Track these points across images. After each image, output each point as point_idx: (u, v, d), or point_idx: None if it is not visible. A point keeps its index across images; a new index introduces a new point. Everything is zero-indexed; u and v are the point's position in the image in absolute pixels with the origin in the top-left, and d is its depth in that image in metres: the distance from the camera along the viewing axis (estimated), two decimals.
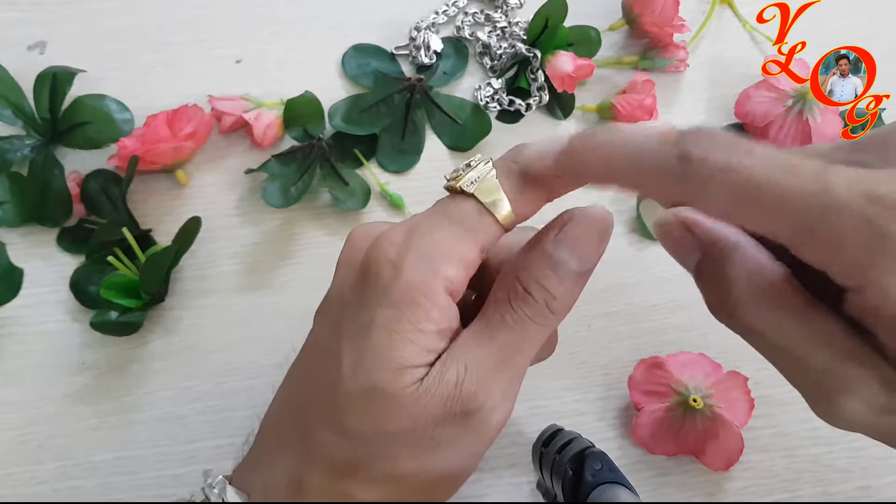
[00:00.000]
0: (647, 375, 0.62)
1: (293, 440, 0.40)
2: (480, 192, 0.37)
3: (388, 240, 0.37)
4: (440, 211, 0.38)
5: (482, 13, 0.80)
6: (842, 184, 0.29)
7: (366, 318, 0.37)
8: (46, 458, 0.62)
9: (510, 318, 0.38)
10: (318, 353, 0.41)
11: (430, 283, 0.36)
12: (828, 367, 0.33)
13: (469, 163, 0.39)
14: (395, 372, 0.36)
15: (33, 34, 0.77)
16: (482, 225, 0.37)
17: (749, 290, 0.35)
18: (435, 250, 0.37)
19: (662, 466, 0.62)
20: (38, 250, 0.68)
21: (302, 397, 0.41)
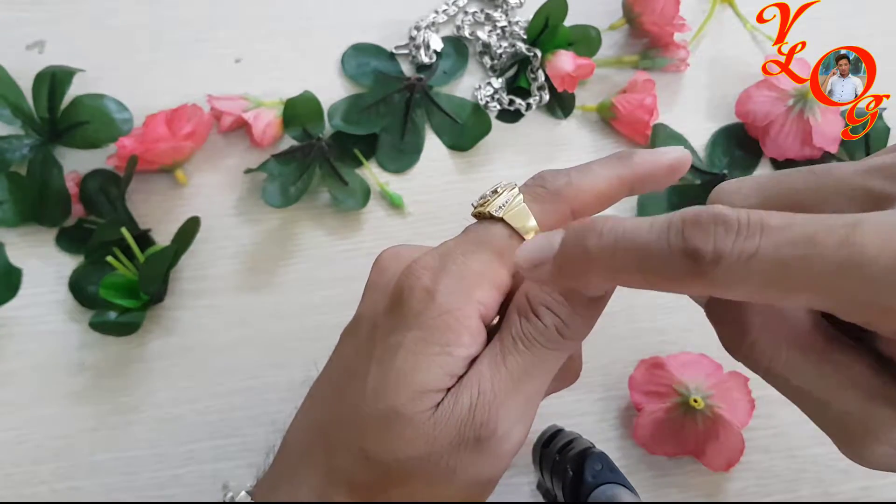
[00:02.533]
0: (647, 376, 0.62)
1: (317, 460, 0.40)
2: (509, 216, 0.38)
3: (421, 266, 0.38)
4: (471, 237, 0.39)
5: (482, 12, 0.80)
6: (873, 244, 0.27)
7: (394, 341, 0.37)
8: (45, 458, 0.62)
9: (521, 342, 0.37)
10: (345, 373, 0.40)
11: (463, 307, 0.36)
12: (853, 409, 0.32)
13: (495, 189, 0.39)
14: (415, 395, 0.36)
15: (32, 33, 0.76)
16: (513, 249, 0.37)
17: (766, 331, 0.33)
18: (467, 275, 0.37)
19: (663, 467, 0.62)
20: (37, 250, 0.68)
21: (326, 416, 0.41)
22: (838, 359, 0.32)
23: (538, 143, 0.74)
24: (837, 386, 0.32)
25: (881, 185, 0.30)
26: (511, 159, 0.73)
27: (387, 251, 0.42)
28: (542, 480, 0.58)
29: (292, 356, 0.64)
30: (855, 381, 0.32)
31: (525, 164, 0.73)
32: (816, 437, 0.62)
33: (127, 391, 0.64)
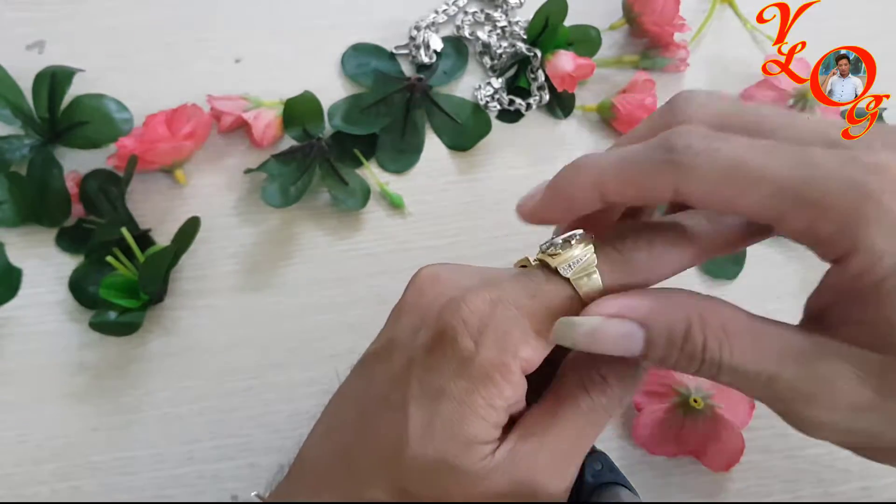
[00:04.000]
0: (647, 376, 0.62)
1: (341, 486, 0.40)
2: (578, 281, 0.37)
3: (470, 307, 0.37)
4: (529, 287, 0.37)
5: (482, 12, 0.80)
6: (822, 154, 0.32)
7: (437, 385, 0.37)
8: (45, 458, 0.61)
9: (585, 405, 0.38)
10: (378, 404, 0.39)
11: (508, 363, 0.36)
12: (793, 375, 0.34)
13: (569, 239, 0.37)
14: (465, 447, 0.36)
15: (32, 33, 0.76)
16: (567, 305, 0.37)
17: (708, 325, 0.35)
18: (517, 329, 0.36)
19: (663, 467, 0.62)
20: (37, 250, 0.68)
21: (355, 446, 0.40)
22: (767, 332, 0.35)
23: (538, 143, 0.74)
24: (775, 358, 0.34)
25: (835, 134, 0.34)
26: (511, 159, 0.73)
27: (426, 270, 0.41)
28: None
29: (292, 356, 0.64)
30: (788, 348, 0.34)
31: (525, 164, 0.73)
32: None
33: (127, 391, 0.64)
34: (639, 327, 0.35)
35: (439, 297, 0.39)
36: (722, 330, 0.34)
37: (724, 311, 0.35)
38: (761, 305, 0.35)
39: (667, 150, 0.34)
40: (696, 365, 0.35)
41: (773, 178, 0.32)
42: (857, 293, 0.33)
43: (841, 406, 0.33)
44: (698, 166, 0.33)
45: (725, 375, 0.34)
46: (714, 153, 0.33)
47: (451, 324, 0.36)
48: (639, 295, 0.36)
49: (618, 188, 0.35)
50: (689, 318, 0.34)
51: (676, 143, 0.34)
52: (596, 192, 0.36)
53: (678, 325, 0.34)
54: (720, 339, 0.34)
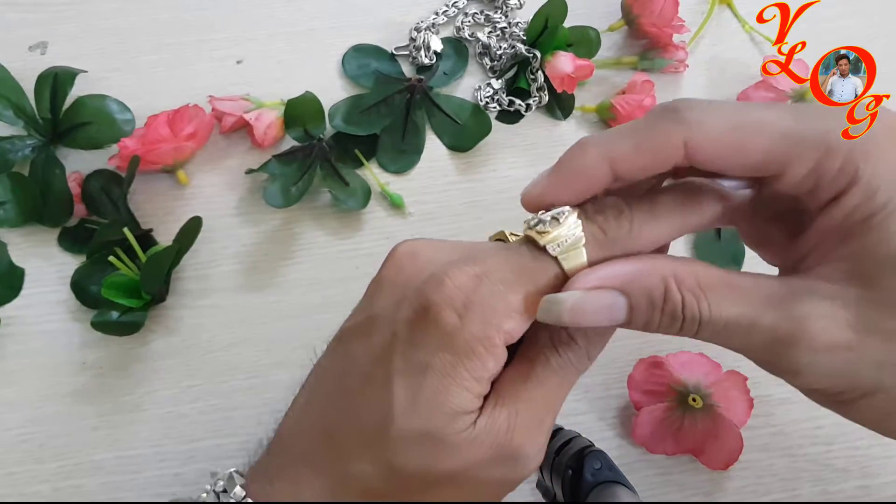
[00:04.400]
0: (646, 375, 0.62)
1: (324, 463, 0.40)
2: (564, 258, 0.37)
3: (454, 282, 0.36)
4: (513, 262, 0.38)
5: (482, 14, 0.80)
6: (819, 108, 0.35)
7: (421, 360, 0.37)
8: (47, 457, 0.62)
9: (555, 362, 0.39)
10: (360, 380, 0.39)
11: (492, 336, 0.36)
12: (771, 319, 0.35)
13: (556, 216, 0.37)
14: (449, 417, 0.37)
15: (35, 35, 0.77)
16: (556, 284, 0.37)
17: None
18: (500, 304, 0.36)
19: (662, 466, 0.62)
20: (39, 250, 0.68)
21: (337, 421, 0.40)
22: (744, 282, 0.36)
23: (538, 144, 0.74)
24: (756, 304, 0.35)
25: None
26: (511, 160, 0.73)
27: (404, 246, 0.41)
28: (542, 479, 0.58)
29: (293, 355, 0.64)
30: (769, 293, 0.36)
31: (525, 164, 0.73)
32: (815, 437, 0.63)
33: (129, 390, 0.64)
34: (620, 295, 0.36)
35: (419, 272, 0.39)
36: (697, 286, 0.35)
37: (698, 268, 0.36)
38: None
39: (672, 110, 0.36)
40: (679, 324, 0.36)
41: (778, 125, 0.35)
42: (845, 230, 0.35)
43: (819, 346, 0.34)
44: (705, 120, 0.35)
45: (706, 330, 0.36)
46: (718, 109, 0.35)
47: (435, 299, 0.36)
48: (615, 264, 0.37)
49: (629, 157, 0.37)
50: (665, 279, 0.36)
51: (678, 104, 0.36)
52: (606, 167, 0.37)
53: (656, 287, 0.36)
54: (697, 294, 0.35)
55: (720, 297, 0.35)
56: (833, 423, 0.63)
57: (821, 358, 0.34)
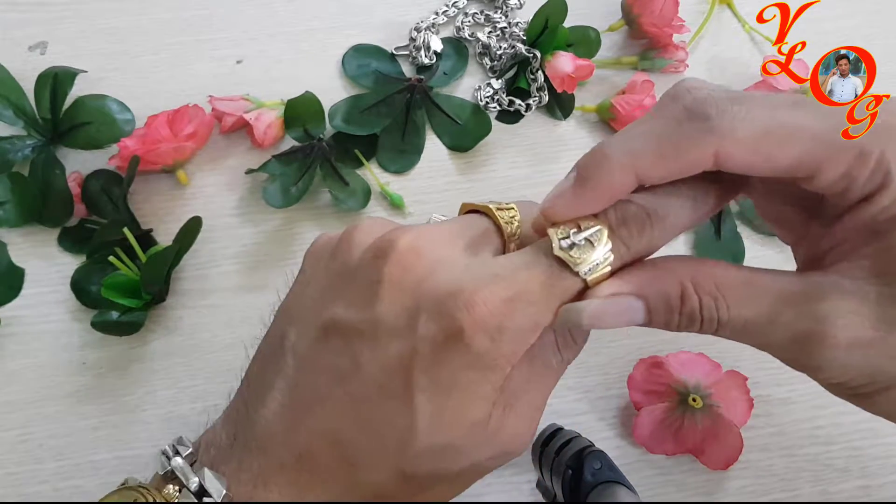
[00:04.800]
0: (646, 375, 0.62)
1: (329, 470, 0.39)
2: (593, 281, 0.37)
3: (487, 307, 0.36)
4: (545, 283, 0.37)
5: (482, 14, 0.80)
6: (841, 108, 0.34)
7: (445, 378, 0.36)
8: (47, 457, 0.62)
9: (556, 362, 0.41)
10: (373, 390, 0.38)
11: (519, 352, 0.37)
12: (790, 318, 0.35)
13: (590, 239, 0.37)
14: (469, 429, 0.37)
15: (34, 35, 0.77)
16: (573, 296, 0.37)
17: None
18: (531, 325, 0.37)
19: (662, 466, 0.62)
20: (39, 250, 0.68)
21: (345, 429, 0.38)
22: (764, 279, 0.36)
23: (538, 144, 0.74)
24: (775, 301, 0.35)
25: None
26: (511, 160, 0.73)
27: (403, 241, 0.39)
28: (542, 479, 0.58)
29: None
30: (783, 293, 0.36)
31: (525, 164, 0.73)
32: (815, 437, 0.62)
33: (129, 390, 0.64)
34: (637, 299, 0.36)
35: (430, 274, 0.38)
36: (715, 287, 0.36)
37: (715, 268, 0.37)
38: None
39: (701, 118, 0.34)
40: (697, 324, 0.36)
41: (810, 129, 0.34)
42: (871, 229, 0.35)
43: (840, 343, 0.34)
44: (737, 129, 0.34)
45: (726, 330, 0.36)
46: (749, 114, 0.34)
47: (468, 323, 0.35)
48: (632, 271, 0.37)
49: (655, 168, 0.36)
50: (682, 282, 0.36)
51: (708, 110, 0.34)
52: (631, 177, 0.36)
53: (673, 291, 0.36)
54: (715, 296, 0.36)
55: (738, 297, 0.36)
56: (833, 423, 0.63)
57: (841, 354, 0.35)
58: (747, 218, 0.70)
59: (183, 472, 0.39)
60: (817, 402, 0.64)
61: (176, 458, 0.39)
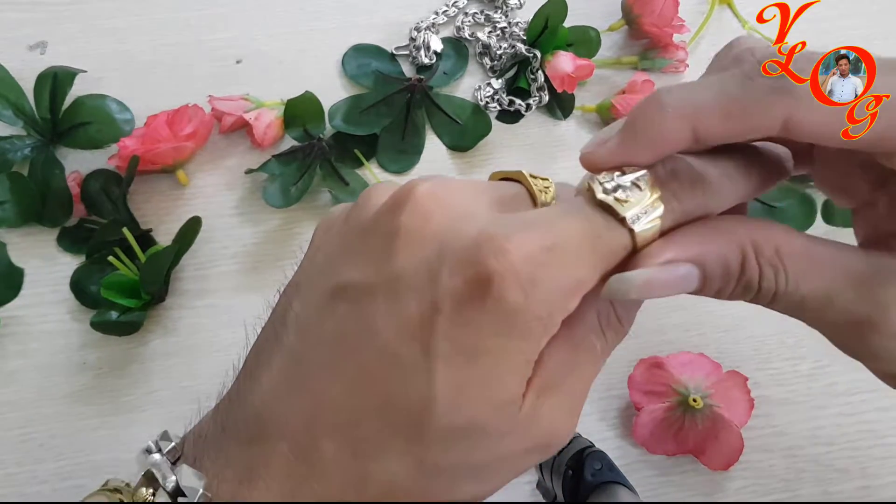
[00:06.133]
0: (647, 375, 0.62)
1: (335, 462, 0.32)
2: (641, 234, 0.32)
3: (520, 252, 0.30)
4: (588, 231, 0.32)
5: (482, 13, 0.80)
6: None
7: (471, 344, 0.31)
8: (47, 457, 0.62)
9: (600, 345, 0.35)
10: (385, 359, 0.32)
11: (556, 315, 0.32)
12: (850, 299, 0.32)
13: (637, 182, 0.32)
14: (496, 409, 0.32)
15: (34, 34, 0.77)
16: (620, 255, 0.32)
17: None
18: (571, 282, 0.31)
19: (662, 466, 0.62)
20: (39, 250, 0.68)
21: (353, 409, 0.32)
22: (828, 253, 0.33)
23: (538, 144, 0.74)
24: (833, 279, 0.33)
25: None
26: (511, 160, 0.73)
27: (423, 187, 0.34)
28: (542, 479, 0.58)
29: None
30: (846, 271, 0.33)
31: (525, 164, 0.72)
32: (816, 437, 0.62)
33: (128, 390, 0.64)
34: (693, 267, 0.32)
35: (455, 224, 0.33)
36: (776, 256, 0.33)
37: (778, 234, 0.33)
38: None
39: (778, 76, 0.31)
40: (752, 293, 0.33)
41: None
42: None
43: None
44: (813, 99, 0.30)
45: (781, 303, 0.33)
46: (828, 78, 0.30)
47: (499, 271, 0.30)
48: (688, 234, 0.33)
49: (717, 125, 0.32)
50: (744, 248, 0.33)
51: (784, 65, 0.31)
52: (688, 131, 0.32)
53: (733, 258, 0.33)
54: (776, 266, 0.33)
55: (800, 269, 0.33)
56: (834, 423, 0.63)
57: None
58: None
59: (161, 469, 0.34)
60: (818, 403, 0.63)
61: (154, 455, 0.35)
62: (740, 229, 0.33)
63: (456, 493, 0.33)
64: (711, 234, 0.33)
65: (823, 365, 0.65)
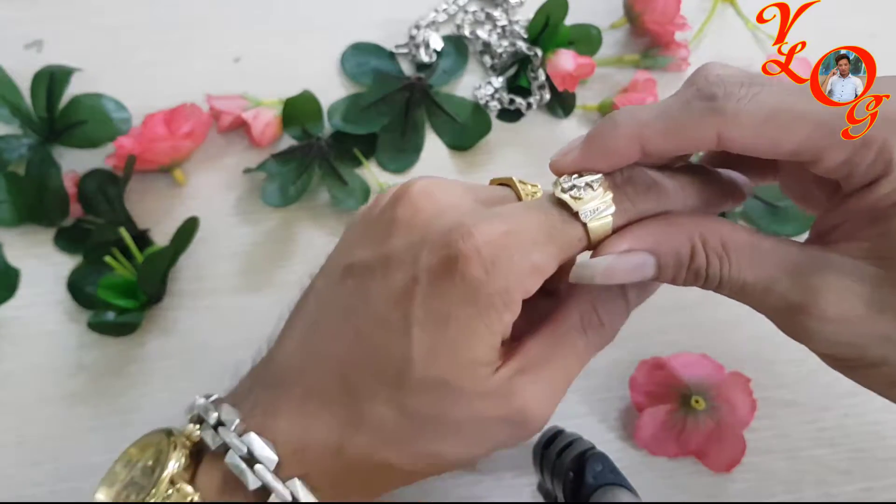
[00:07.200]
0: (648, 376, 0.61)
1: (336, 400, 0.40)
2: (593, 227, 0.39)
3: (484, 237, 0.37)
4: (544, 226, 0.39)
5: (482, 11, 0.80)
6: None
7: (442, 310, 0.38)
8: (44, 459, 0.61)
9: (582, 343, 0.41)
10: (376, 324, 0.40)
11: (513, 292, 0.38)
12: (786, 286, 0.37)
13: (590, 184, 0.39)
14: (466, 369, 0.38)
15: (30, 33, 0.76)
16: (577, 246, 0.39)
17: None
18: (526, 263, 0.38)
19: (664, 468, 0.62)
20: (35, 250, 0.68)
21: (350, 361, 0.40)
22: (769, 246, 0.39)
23: (539, 143, 0.74)
24: (772, 271, 0.38)
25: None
26: (512, 159, 0.73)
27: (418, 185, 0.42)
28: (543, 482, 0.57)
29: None
30: (784, 262, 0.38)
31: (525, 163, 0.72)
32: (819, 439, 0.62)
33: (126, 391, 0.63)
34: (649, 256, 0.38)
35: (439, 215, 0.40)
36: (721, 247, 0.38)
37: (723, 228, 0.39)
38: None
39: (708, 98, 0.36)
40: (701, 281, 0.39)
41: (814, 116, 0.35)
42: (873, 213, 0.36)
43: (830, 316, 0.36)
44: (741, 111, 0.36)
45: (725, 289, 0.39)
46: (755, 98, 0.35)
47: (464, 251, 0.37)
48: (645, 227, 0.39)
49: (659, 140, 0.38)
50: (693, 240, 0.38)
51: (716, 91, 0.36)
52: (636, 145, 0.38)
53: (684, 248, 0.38)
54: (720, 255, 0.38)
55: (742, 259, 0.38)
56: (837, 425, 0.62)
57: (830, 327, 0.37)
58: (750, 218, 0.70)
59: (205, 409, 0.43)
60: (821, 404, 0.63)
61: (200, 400, 0.44)
62: (690, 223, 0.39)
63: (441, 447, 0.40)
64: (664, 227, 0.39)
65: (826, 366, 0.64)
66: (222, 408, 0.42)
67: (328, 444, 0.40)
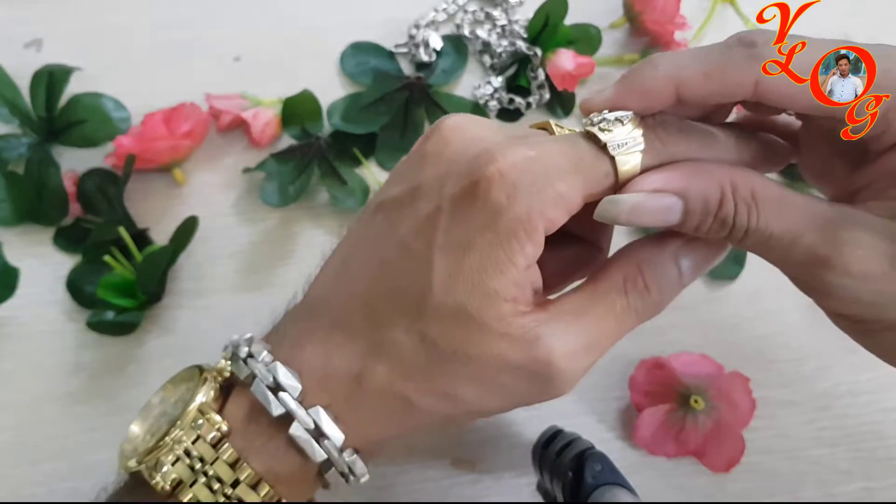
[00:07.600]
0: (648, 376, 0.61)
1: (357, 328, 0.40)
2: (621, 160, 0.38)
3: (507, 160, 0.37)
4: (572, 156, 0.38)
5: (482, 11, 0.80)
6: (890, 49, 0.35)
7: (463, 237, 0.37)
8: (43, 459, 0.61)
9: (621, 305, 0.40)
10: (400, 252, 0.40)
11: (536, 220, 0.37)
12: (813, 239, 0.37)
13: (620, 118, 0.38)
14: (486, 299, 0.37)
15: (30, 32, 0.76)
16: (604, 183, 0.38)
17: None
18: (550, 190, 0.37)
19: (663, 468, 0.62)
20: (35, 249, 0.68)
21: (373, 289, 0.40)
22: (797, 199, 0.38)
23: None
24: (800, 223, 0.37)
25: None
26: None
27: (450, 120, 0.41)
28: (542, 481, 0.57)
29: None
30: (813, 214, 0.37)
31: None
32: (819, 439, 0.62)
33: (125, 391, 0.63)
34: (677, 199, 0.37)
35: (468, 146, 0.39)
36: (751, 196, 0.37)
37: (754, 178, 0.38)
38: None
39: (748, 45, 0.36)
40: (727, 230, 0.38)
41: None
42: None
43: (854, 271, 0.36)
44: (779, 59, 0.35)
45: (750, 239, 0.38)
46: (795, 48, 0.35)
47: (486, 174, 0.37)
48: (676, 169, 0.38)
49: (696, 83, 0.37)
50: (723, 187, 0.37)
51: (757, 38, 0.36)
52: (672, 88, 0.37)
53: (713, 194, 0.37)
54: (749, 204, 0.37)
55: (771, 210, 0.37)
56: (836, 425, 0.63)
57: (852, 283, 0.36)
58: None
59: (237, 345, 0.43)
60: (820, 404, 0.63)
61: (234, 336, 0.44)
62: (721, 171, 0.38)
63: (459, 388, 0.39)
64: (695, 172, 0.38)
65: (826, 366, 0.64)
66: (253, 342, 0.43)
67: (349, 373, 0.40)
